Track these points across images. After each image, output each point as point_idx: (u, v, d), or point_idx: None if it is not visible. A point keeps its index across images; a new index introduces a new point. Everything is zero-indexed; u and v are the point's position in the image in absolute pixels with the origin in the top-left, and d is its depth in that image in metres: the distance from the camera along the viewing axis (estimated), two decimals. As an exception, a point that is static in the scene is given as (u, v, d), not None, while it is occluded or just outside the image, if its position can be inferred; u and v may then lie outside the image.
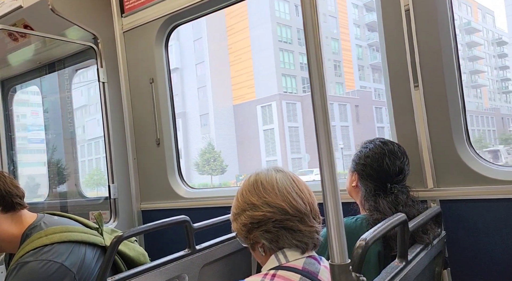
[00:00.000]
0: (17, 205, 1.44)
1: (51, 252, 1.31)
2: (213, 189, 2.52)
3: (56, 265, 1.29)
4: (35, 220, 1.44)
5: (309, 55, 0.85)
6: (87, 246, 1.40)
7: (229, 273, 1.82)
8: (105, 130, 2.56)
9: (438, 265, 1.53)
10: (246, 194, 1.13)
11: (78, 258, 1.34)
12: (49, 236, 1.35)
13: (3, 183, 1.42)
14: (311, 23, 0.85)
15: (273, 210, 1.07)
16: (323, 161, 0.83)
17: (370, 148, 1.54)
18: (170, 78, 2.59)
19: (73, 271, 1.31)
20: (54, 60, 3.05)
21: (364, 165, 1.53)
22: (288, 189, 1.10)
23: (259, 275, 1.04)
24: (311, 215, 1.09)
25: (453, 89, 1.65)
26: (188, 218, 1.59)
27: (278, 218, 1.07)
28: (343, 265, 0.80)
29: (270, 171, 1.15)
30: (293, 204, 1.08)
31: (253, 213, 1.09)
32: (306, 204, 1.09)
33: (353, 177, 1.58)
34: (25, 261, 1.29)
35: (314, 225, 1.09)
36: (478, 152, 1.63)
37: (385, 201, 1.45)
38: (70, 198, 3.29)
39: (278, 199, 1.08)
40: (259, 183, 1.12)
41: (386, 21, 1.76)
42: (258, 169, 1.18)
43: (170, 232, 2.19)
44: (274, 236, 1.07)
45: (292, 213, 1.07)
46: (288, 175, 1.14)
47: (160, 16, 2.46)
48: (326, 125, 0.83)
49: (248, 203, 1.11)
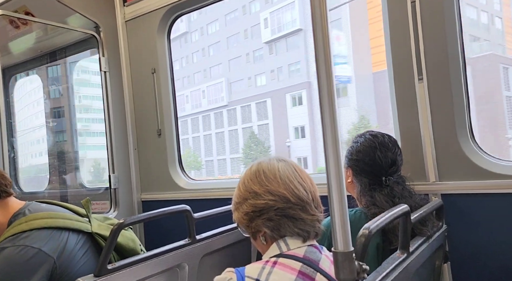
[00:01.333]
0: (3, 193, 1.45)
1: (29, 238, 1.31)
2: (213, 181, 2.51)
3: (33, 250, 1.29)
4: (21, 207, 1.45)
5: (317, 50, 0.84)
6: (71, 232, 1.39)
7: (229, 263, 1.80)
8: (106, 120, 2.55)
9: (438, 258, 1.53)
10: (248, 183, 1.13)
11: (58, 244, 1.34)
12: (28, 222, 1.35)
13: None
14: (319, 17, 0.84)
15: (275, 198, 1.07)
16: (328, 148, 0.82)
17: (360, 143, 1.53)
18: (172, 69, 2.58)
19: (52, 256, 1.31)
20: (56, 48, 3.03)
21: (357, 160, 1.51)
22: (290, 177, 1.10)
23: (260, 263, 1.04)
24: (313, 204, 1.10)
25: (458, 82, 1.64)
26: (189, 207, 1.59)
27: (280, 206, 1.07)
28: (347, 253, 0.79)
29: (272, 160, 1.15)
30: (295, 192, 1.08)
31: (255, 201, 1.09)
32: (308, 192, 1.10)
33: (347, 173, 1.56)
34: (2, 246, 1.30)
35: (316, 213, 1.09)
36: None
37: (381, 194, 1.45)
38: (69, 187, 3.29)
39: (280, 187, 1.08)
40: (261, 172, 1.12)
41: (391, 13, 1.74)
42: (259, 159, 1.18)
43: (170, 222, 2.19)
44: (276, 224, 1.07)
45: (294, 201, 1.07)
46: (290, 164, 1.14)
47: (162, 6, 2.44)
48: (332, 114, 0.82)
49: (250, 192, 1.11)
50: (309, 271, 1.01)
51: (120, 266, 1.33)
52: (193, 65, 33.24)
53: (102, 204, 2.70)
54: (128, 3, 2.59)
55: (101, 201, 2.72)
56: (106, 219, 1.57)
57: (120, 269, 1.32)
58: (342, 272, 0.80)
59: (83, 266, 1.37)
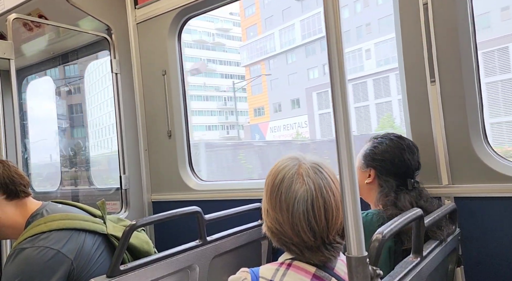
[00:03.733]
0: (21, 193, 1.46)
1: (48, 239, 1.32)
2: (224, 182, 2.52)
3: (52, 251, 1.30)
4: (38, 207, 1.47)
5: (329, 49, 0.84)
6: (87, 234, 1.41)
7: (239, 264, 1.81)
8: (117, 121, 2.58)
9: (451, 262, 1.52)
10: (266, 194, 1.07)
11: (76, 245, 1.35)
12: (47, 223, 1.36)
13: (7, 172, 1.45)
14: (332, 14, 0.84)
15: (280, 230, 1.02)
16: (341, 152, 0.82)
17: (386, 143, 1.53)
18: (182, 70, 2.59)
19: (70, 258, 1.32)
20: (68, 51, 3.07)
21: (383, 160, 1.51)
22: (302, 217, 0.99)
23: (275, 264, 1.04)
24: (322, 246, 1.00)
25: (471, 84, 1.62)
26: (200, 209, 1.59)
27: (283, 238, 1.03)
28: (361, 258, 0.79)
29: (296, 181, 1.02)
30: (300, 235, 0.99)
31: (266, 218, 1.07)
32: (318, 237, 0.99)
33: (367, 173, 1.55)
34: (22, 247, 1.31)
35: (325, 254, 1.01)
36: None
37: (408, 196, 1.45)
38: (81, 187, 3.32)
39: (287, 224, 1.00)
40: (279, 196, 1.03)
41: (403, 14, 1.73)
42: (287, 164, 1.07)
43: (180, 224, 2.20)
44: (282, 245, 1.06)
45: (297, 241, 1.01)
46: (313, 193, 1.01)
47: (173, 8, 2.46)
48: (346, 116, 0.82)
49: (265, 206, 1.08)
50: (323, 275, 1.00)
51: (132, 267, 1.34)
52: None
53: (112, 204, 2.73)
54: (139, 5, 2.61)
55: (112, 202, 2.74)
56: (119, 220, 1.59)
57: (132, 270, 1.34)
58: (356, 277, 0.79)
59: (99, 267, 1.38)
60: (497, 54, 10.25)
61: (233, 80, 37.87)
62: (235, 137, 33.99)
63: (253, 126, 30.08)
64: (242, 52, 35.67)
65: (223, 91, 37.28)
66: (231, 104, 36.30)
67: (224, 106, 36.88)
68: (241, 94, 36.62)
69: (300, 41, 28.84)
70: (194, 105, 35.35)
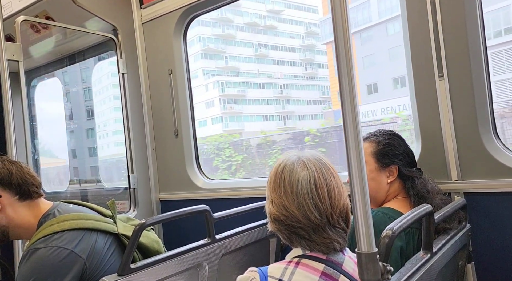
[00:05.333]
0: (34, 194, 1.48)
1: (61, 239, 1.33)
2: (231, 180, 2.53)
3: (65, 251, 1.31)
4: (50, 208, 1.48)
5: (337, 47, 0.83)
6: (99, 234, 1.42)
7: (248, 262, 1.82)
8: (124, 121, 2.59)
9: (462, 258, 1.50)
10: (270, 185, 1.11)
11: (88, 245, 1.37)
12: (60, 224, 1.38)
13: (20, 173, 1.47)
14: (339, 10, 0.83)
15: (287, 215, 1.04)
16: (350, 150, 0.82)
17: (395, 139, 1.55)
18: (188, 69, 2.60)
19: (82, 257, 1.34)
20: (75, 52, 3.09)
21: (403, 154, 1.53)
22: (306, 196, 1.04)
23: (283, 263, 1.04)
24: (328, 226, 1.03)
25: (480, 78, 1.60)
26: (208, 207, 1.60)
27: (290, 224, 1.04)
28: (371, 254, 0.79)
29: (298, 166, 1.08)
30: (307, 214, 1.03)
31: (271, 208, 1.09)
32: (323, 215, 1.03)
33: (387, 172, 1.51)
34: (35, 247, 1.33)
35: (331, 236, 1.03)
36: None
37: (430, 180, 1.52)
38: (90, 187, 3.35)
39: (293, 205, 1.04)
40: (282, 181, 1.08)
41: (410, 9, 1.71)
42: (288, 157, 1.12)
43: (188, 223, 2.21)
44: (287, 237, 1.07)
45: (304, 222, 1.03)
46: (314, 174, 1.06)
47: (178, 7, 2.46)
48: (354, 115, 0.82)
49: (269, 196, 1.11)
50: (332, 272, 1.00)
51: (142, 266, 1.35)
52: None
53: (121, 204, 2.75)
54: (144, 5, 2.62)
55: (120, 201, 2.76)
56: (129, 220, 1.60)
57: (142, 268, 1.35)
58: (366, 273, 0.79)
59: (111, 267, 1.39)
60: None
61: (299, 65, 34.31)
62: (292, 127, 31.28)
63: (336, 111, 25.76)
64: (323, 27, 30.33)
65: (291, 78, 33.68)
66: (287, 92, 33.61)
67: (280, 95, 33.95)
68: (297, 81, 34.02)
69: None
70: (253, 93, 32.93)
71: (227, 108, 31.69)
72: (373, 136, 1.57)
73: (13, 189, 1.45)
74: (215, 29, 33.52)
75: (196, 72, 33.32)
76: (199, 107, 33.57)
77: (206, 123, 32.36)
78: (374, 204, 1.56)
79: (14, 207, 1.45)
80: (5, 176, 1.44)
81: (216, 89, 32.25)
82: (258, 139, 9.88)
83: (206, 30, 33.22)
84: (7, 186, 1.44)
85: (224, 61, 33.54)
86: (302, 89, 34.33)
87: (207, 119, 32.20)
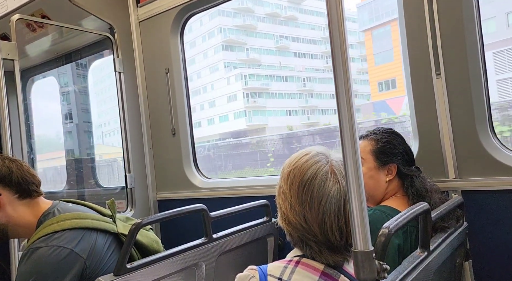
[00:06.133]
0: (34, 193, 1.48)
1: (61, 238, 1.33)
2: (228, 179, 2.52)
3: (66, 251, 1.31)
4: (49, 207, 1.48)
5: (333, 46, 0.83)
6: (99, 233, 1.42)
7: (245, 262, 1.82)
8: (121, 120, 2.58)
9: (459, 256, 1.50)
10: (291, 188, 1.02)
11: (88, 244, 1.37)
12: (60, 223, 1.37)
13: (20, 171, 1.46)
14: (335, 8, 0.83)
15: (306, 227, 0.99)
16: (346, 147, 0.81)
17: (394, 137, 1.55)
18: (185, 68, 2.59)
19: (83, 257, 1.33)
20: (71, 50, 3.08)
21: (402, 153, 1.52)
22: (332, 215, 0.97)
23: (283, 261, 1.04)
24: (344, 247, 0.99)
25: (477, 76, 1.60)
26: (205, 206, 1.59)
27: (306, 235, 1.00)
28: (367, 252, 0.78)
29: (331, 178, 0.99)
30: (327, 234, 0.98)
31: (288, 213, 1.02)
32: (344, 237, 0.98)
33: (386, 171, 1.51)
34: (36, 246, 1.32)
35: (344, 255, 1.00)
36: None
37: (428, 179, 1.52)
38: (87, 186, 3.34)
39: (315, 221, 0.98)
40: (310, 192, 0.99)
41: (407, 7, 1.71)
42: (317, 159, 1.03)
43: (186, 222, 2.20)
44: (294, 241, 1.04)
45: (321, 239, 0.98)
46: (345, 192, 0.96)
47: (175, 6, 2.45)
48: (350, 111, 0.82)
49: (288, 199, 1.02)
50: (332, 272, 1.00)
51: (138, 265, 1.35)
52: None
53: (118, 204, 2.74)
54: (141, 3, 2.60)
55: (117, 201, 2.75)
56: (128, 220, 1.60)
57: (139, 268, 1.34)
58: (362, 272, 0.79)
59: (110, 266, 1.39)
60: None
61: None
62: (316, 123, 29.76)
63: (376, 104, 23.93)
64: (362, 13, 27.94)
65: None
66: (310, 85, 32.13)
67: (303, 88, 32.19)
68: (320, 75, 32.24)
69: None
70: (276, 87, 31.13)
71: (251, 102, 30.35)
72: (373, 134, 1.57)
73: (13, 187, 1.44)
74: (235, 19, 32.19)
75: (216, 64, 31.82)
76: (220, 101, 31.86)
77: (227, 117, 30.83)
78: (372, 202, 1.56)
79: (13, 205, 1.44)
80: (5, 174, 1.43)
81: (239, 82, 30.71)
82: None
83: (227, 20, 31.83)
84: (7, 184, 1.44)
85: (245, 53, 32.38)
86: (324, 83, 32.80)
87: (229, 114, 30.78)
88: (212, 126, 31.14)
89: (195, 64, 33.34)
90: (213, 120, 31.83)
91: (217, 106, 32.28)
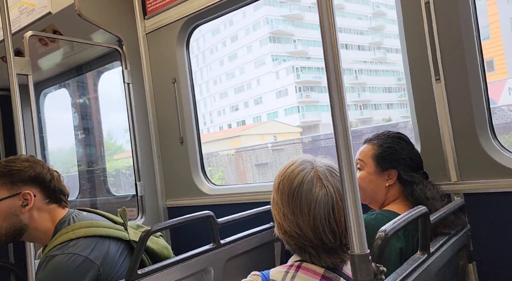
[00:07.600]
0: (62, 202, 1.56)
1: (76, 246, 1.39)
2: (235, 186, 2.56)
3: (81, 258, 1.36)
4: (65, 214, 1.54)
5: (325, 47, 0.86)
6: (111, 240, 1.47)
7: (253, 266, 1.85)
8: (130, 130, 2.65)
9: (462, 258, 1.52)
10: (283, 198, 1.06)
11: (102, 251, 1.42)
12: (75, 231, 1.43)
13: (58, 181, 1.56)
14: (326, 15, 0.86)
15: (300, 234, 1.03)
16: (340, 151, 0.83)
17: (399, 142, 1.55)
18: (191, 78, 2.65)
19: (97, 263, 1.39)
20: (82, 63, 3.17)
21: (405, 159, 1.53)
22: (324, 220, 1.01)
23: (285, 266, 1.07)
24: (340, 248, 1.04)
25: (476, 80, 1.62)
26: (212, 213, 1.64)
27: (302, 241, 1.04)
28: (363, 255, 0.81)
29: (316, 184, 1.04)
30: (321, 237, 1.01)
31: (283, 222, 1.07)
32: (337, 238, 1.02)
33: (386, 176, 1.53)
34: (52, 254, 1.38)
35: (341, 256, 1.04)
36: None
37: (429, 185, 1.53)
38: (99, 195, 3.42)
39: (308, 227, 1.02)
40: (298, 200, 1.03)
41: (405, 13, 1.75)
42: (303, 167, 1.07)
43: (195, 228, 2.25)
44: (293, 249, 1.08)
45: (317, 243, 1.03)
46: (333, 196, 1.03)
47: (181, 17, 2.52)
48: (343, 116, 0.84)
49: (280, 208, 1.07)
50: (332, 276, 1.03)
51: (149, 271, 1.40)
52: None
53: (129, 211, 2.80)
54: (148, 16, 2.68)
55: (128, 208, 2.82)
56: (139, 227, 1.65)
57: (149, 274, 1.39)
58: (359, 274, 0.82)
59: (123, 272, 1.44)
60: None
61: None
62: (369, 118, 27.19)
63: None
64: None
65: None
66: (361, 78, 29.65)
67: (355, 81, 29.94)
68: (371, 66, 29.40)
69: None
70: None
71: (304, 96, 28.58)
72: (377, 138, 1.59)
73: (48, 193, 1.52)
74: (282, 9, 30.39)
75: (263, 58, 29.59)
76: (267, 97, 29.69)
77: (277, 114, 28.72)
78: (375, 205, 1.59)
79: (40, 209, 1.51)
80: (47, 179, 1.52)
81: (290, 75, 28.80)
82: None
83: (273, 10, 30.27)
84: (45, 189, 1.52)
85: (292, 45, 30.41)
86: (375, 75, 30.68)
87: (278, 110, 28.52)
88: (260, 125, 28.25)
89: (237, 59, 31.08)
90: (260, 118, 29.55)
91: (265, 103, 30.34)
